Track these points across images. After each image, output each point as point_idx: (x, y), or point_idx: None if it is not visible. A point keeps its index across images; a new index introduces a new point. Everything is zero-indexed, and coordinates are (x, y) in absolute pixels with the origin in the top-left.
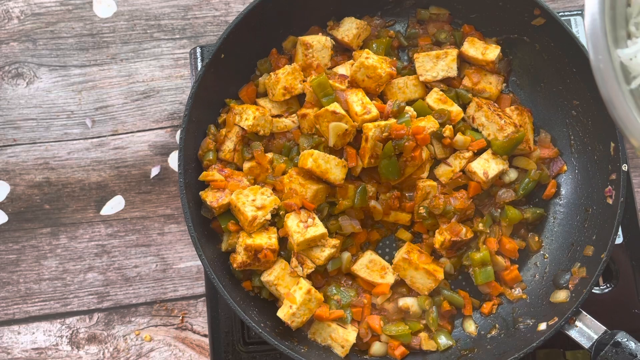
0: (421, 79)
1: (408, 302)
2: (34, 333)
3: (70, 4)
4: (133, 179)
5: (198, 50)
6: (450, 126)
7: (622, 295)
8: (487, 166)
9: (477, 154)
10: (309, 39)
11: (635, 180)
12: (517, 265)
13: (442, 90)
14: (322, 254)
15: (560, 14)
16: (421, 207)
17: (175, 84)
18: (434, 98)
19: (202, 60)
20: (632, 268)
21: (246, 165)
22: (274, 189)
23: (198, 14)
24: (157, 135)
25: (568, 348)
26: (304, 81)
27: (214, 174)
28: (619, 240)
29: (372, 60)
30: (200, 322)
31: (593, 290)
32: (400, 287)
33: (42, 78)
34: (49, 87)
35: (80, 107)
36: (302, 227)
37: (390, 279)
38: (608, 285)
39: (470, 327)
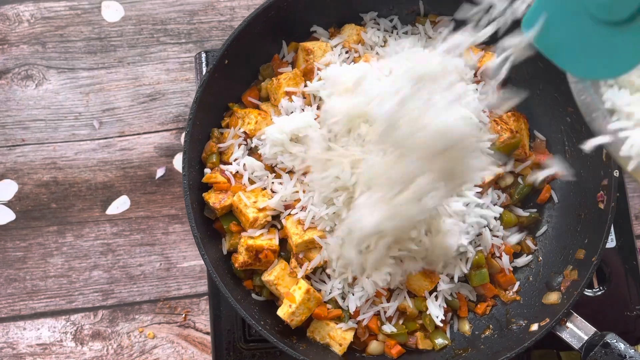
0: None
1: (405, 303)
2: (39, 329)
3: (79, 8)
4: (138, 180)
5: (203, 55)
6: None
7: (614, 297)
8: None
9: None
10: (310, 44)
11: (629, 185)
12: (511, 268)
13: None
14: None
15: None
16: None
17: (180, 87)
18: None
19: (206, 65)
20: (624, 271)
21: None
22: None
23: (204, 19)
24: (162, 137)
25: (562, 349)
26: (305, 86)
27: (216, 176)
28: (612, 244)
29: None
30: (203, 320)
31: (586, 293)
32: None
33: (50, 80)
34: (57, 89)
35: (88, 109)
36: (301, 229)
37: None
38: (601, 287)
39: (465, 327)
